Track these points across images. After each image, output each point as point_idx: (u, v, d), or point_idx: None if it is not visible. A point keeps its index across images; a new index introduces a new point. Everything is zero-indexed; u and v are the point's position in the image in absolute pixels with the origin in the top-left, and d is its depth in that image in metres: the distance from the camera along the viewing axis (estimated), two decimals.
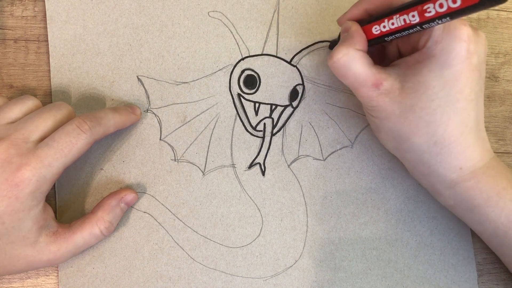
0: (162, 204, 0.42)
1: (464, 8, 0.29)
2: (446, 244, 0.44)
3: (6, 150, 0.34)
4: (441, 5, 0.30)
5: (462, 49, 0.33)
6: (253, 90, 0.43)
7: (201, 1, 0.43)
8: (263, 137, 0.43)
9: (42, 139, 0.35)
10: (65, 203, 0.41)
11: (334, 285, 0.42)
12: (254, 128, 0.43)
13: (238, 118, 0.43)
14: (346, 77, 0.36)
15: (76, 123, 0.36)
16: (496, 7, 0.47)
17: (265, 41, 0.44)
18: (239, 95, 0.43)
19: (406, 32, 0.34)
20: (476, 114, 0.35)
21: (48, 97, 0.42)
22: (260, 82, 0.43)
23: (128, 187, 0.41)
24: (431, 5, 0.31)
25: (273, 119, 0.43)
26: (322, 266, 0.42)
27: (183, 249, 0.41)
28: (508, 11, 0.48)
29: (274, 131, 0.43)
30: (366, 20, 0.37)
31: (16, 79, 0.42)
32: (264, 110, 0.43)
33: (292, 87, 0.44)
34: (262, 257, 0.42)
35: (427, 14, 0.31)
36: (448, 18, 0.31)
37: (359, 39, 0.36)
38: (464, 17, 0.31)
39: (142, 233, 0.41)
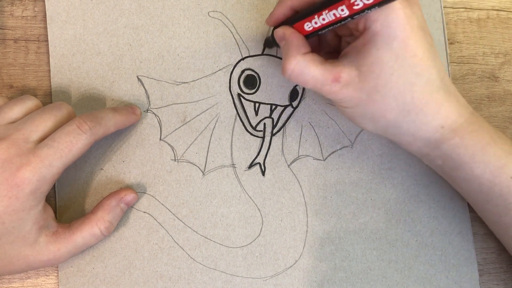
0: (162, 204, 0.42)
1: None
2: (447, 244, 0.44)
3: (7, 150, 0.34)
4: None
5: (400, 17, 0.33)
6: (253, 90, 0.43)
7: (201, 1, 0.43)
8: (263, 137, 0.43)
9: (42, 139, 0.35)
10: (65, 203, 0.41)
11: (334, 285, 0.42)
12: (254, 128, 0.43)
13: (238, 118, 0.43)
14: (306, 83, 0.36)
15: (76, 123, 0.36)
16: (496, 7, 0.47)
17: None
18: (239, 95, 0.43)
19: (338, 24, 0.34)
20: (437, 71, 0.36)
21: (48, 97, 0.42)
22: (260, 82, 0.43)
23: (128, 187, 0.41)
24: None
25: (273, 119, 0.43)
26: (322, 266, 0.42)
27: (183, 249, 0.41)
28: (508, 11, 0.48)
29: (274, 131, 0.43)
30: (295, 18, 0.37)
31: (16, 79, 0.42)
32: (264, 110, 0.43)
33: (292, 87, 0.44)
34: (262, 257, 0.42)
35: (355, 7, 0.32)
36: (376, 7, 0.31)
37: (300, 43, 0.36)
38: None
39: (142, 233, 0.41)
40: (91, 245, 0.39)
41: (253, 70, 0.43)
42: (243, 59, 0.43)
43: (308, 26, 0.36)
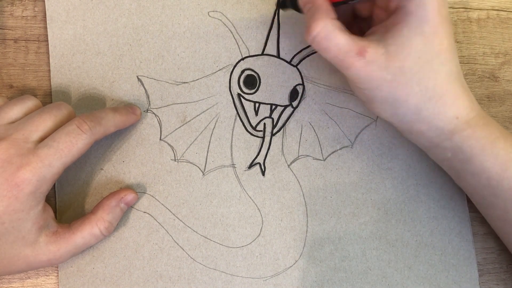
0: (162, 204, 0.42)
1: None
2: (447, 244, 0.44)
3: (6, 150, 0.34)
4: None
5: (435, 3, 0.34)
6: (253, 90, 0.43)
7: (201, 1, 0.43)
8: (263, 137, 0.43)
9: (42, 139, 0.35)
10: (65, 203, 0.41)
11: (334, 285, 0.42)
12: (254, 128, 0.43)
13: (238, 118, 0.43)
14: (329, 50, 0.35)
15: (76, 123, 0.36)
16: (496, 7, 0.47)
17: (265, 41, 0.44)
18: (239, 95, 0.43)
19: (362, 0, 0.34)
20: (456, 64, 0.37)
21: (48, 97, 0.42)
22: (260, 82, 0.43)
23: (128, 187, 0.41)
24: None
25: (273, 119, 0.43)
26: (322, 266, 0.42)
27: (183, 249, 0.41)
28: (508, 11, 0.48)
29: (274, 131, 0.43)
30: None
31: (16, 79, 0.42)
32: (264, 110, 0.43)
33: (292, 87, 0.44)
34: (262, 257, 0.42)
35: None
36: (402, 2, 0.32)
37: (329, 7, 0.35)
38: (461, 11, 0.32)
39: (142, 233, 0.41)
40: (91, 245, 0.39)
41: (253, 70, 0.43)
42: (243, 59, 0.43)
43: None
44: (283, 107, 0.43)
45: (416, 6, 0.34)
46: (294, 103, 0.44)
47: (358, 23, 0.41)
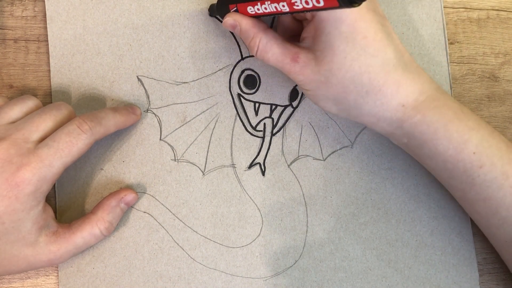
0: (162, 204, 0.42)
1: (326, 8, 0.31)
2: (447, 244, 0.44)
3: (7, 150, 0.34)
4: (306, 2, 0.31)
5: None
6: (253, 90, 0.43)
7: (201, 1, 0.43)
8: (263, 137, 0.43)
9: (42, 139, 0.35)
10: (65, 203, 0.41)
11: (334, 285, 0.42)
12: (254, 128, 0.43)
13: (238, 118, 0.43)
14: (268, 60, 0.37)
15: (77, 123, 0.36)
16: (496, 7, 0.47)
17: None
18: (239, 95, 0.43)
19: (280, 15, 0.35)
20: (393, 50, 0.36)
21: (48, 97, 0.42)
22: (260, 82, 0.43)
23: (128, 187, 0.41)
24: (298, 0, 0.32)
25: (273, 119, 0.43)
26: (322, 266, 0.42)
27: (183, 249, 0.41)
28: (508, 11, 0.48)
29: (274, 131, 0.43)
30: None
31: (16, 79, 0.42)
32: (264, 110, 0.43)
33: (292, 87, 0.44)
34: (262, 257, 0.42)
35: (295, 7, 0.32)
36: (313, 11, 0.32)
37: (256, 23, 0.37)
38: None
39: (142, 233, 0.41)
40: (91, 245, 0.39)
41: (253, 70, 0.43)
42: (243, 59, 0.43)
43: (251, 10, 0.36)
44: (283, 107, 0.43)
45: (327, 13, 0.34)
46: (294, 103, 0.44)
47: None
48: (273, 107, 0.43)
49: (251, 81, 0.43)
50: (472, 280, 0.44)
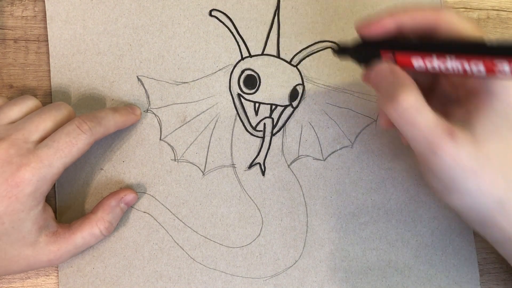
0: (162, 204, 0.42)
1: None
2: (447, 244, 0.44)
3: (6, 150, 0.34)
4: None
5: None
6: (253, 90, 0.43)
7: (201, 1, 0.43)
8: (263, 137, 0.43)
9: (42, 139, 0.35)
10: (65, 203, 0.41)
11: (334, 285, 0.42)
12: (254, 128, 0.43)
13: (238, 118, 0.43)
14: (417, 125, 0.30)
15: (76, 123, 0.36)
16: (496, 7, 0.47)
17: (265, 41, 0.44)
18: (239, 95, 0.43)
19: (454, 75, 0.29)
20: None
21: (48, 97, 0.42)
22: (260, 82, 0.43)
23: (128, 187, 0.41)
24: (505, 64, 0.26)
25: (273, 119, 0.43)
26: (322, 266, 0.42)
27: (183, 249, 0.41)
28: (508, 11, 0.48)
29: (274, 131, 0.43)
30: (402, 43, 0.31)
31: (16, 79, 0.42)
32: (264, 110, 0.43)
33: (292, 87, 0.44)
34: (262, 257, 0.42)
35: (498, 71, 0.27)
36: (484, 83, 0.27)
37: (413, 83, 0.31)
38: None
39: (142, 233, 0.41)
40: (91, 245, 0.39)
41: (253, 70, 0.43)
42: (243, 59, 0.43)
43: (417, 63, 0.30)
44: (283, 107, 0.43)
45: (502, 87, 0.30)
46: (294, 103, 0.44)
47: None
48: (273, 107, 0.43)
49: (251, 81, 0.43)
50: (473, 280, 0.44)
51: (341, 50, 0.36)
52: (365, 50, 0.33)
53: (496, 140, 0.31)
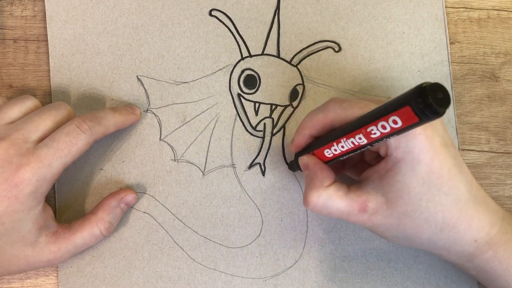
0: (162, 204, 0.41)
1: (406, 127, 0.28)
2: None
3: (6, 150, 0.34)
4: (383, 127, 0.30)
5: (422, 141, 0.32)
6: (253, 90, 0.43)
7: (201, 1, 0.43)
8: (263, 137, 0.43)
9: (41, 139, 0.35)
10: (65, 203, 0.41)
11: (334, 285, 0.42)
12: (254, 128, 0.43)
13: (238, 118, 0.43)
14: (331, 214, 0.35)
15: (76, 123, 0.36)
16: (496, 7, 0.47)
17: (265, 41, 0.44)
18: (239, 95, 0.43)
19: (358, 151, 0.33)
20: (464, 185, 0.34)
21: (47, 97, 0.42)
22: (260, 82, 0.43)
23: (128, 187, 0.41)
24: (373, 127, 0.30)
25: (273, 119, 0.43)
26: (322, 267, 0.42)
27: (183, 249, 0.41)
28: (509, 11, 0.48)
29: (274, 131, 0.43)
30: (316, 144, 0.37)
31: (15, 79, 0.42)
32: (264, 110, 0.43)
33: (292, 87, 0.44)
34: (262, 257, 0.42)
35: (373, 136, 0.31)
36: (394, 135, 0.30)
37: (324, 174, 0.36)
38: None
39: (142, 233, 0.41)
40: (91, 245, 0.39)
41: (253, 70, 0.43)
42: (243, 59, 0.43)
43: (328, 153, 0.35)
44: (283, 107, 0.43)
45: (403, 152, 0.33)
46: (294, 103, 0.44)
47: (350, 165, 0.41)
48: (273, 107, 0.43)
49: (251, 81, 0.43)
50: (471, 280, 0.44)
51: (290, 166, 0.43)
52: (299, 159, 0.39)
53: (408, 197, 0.33)
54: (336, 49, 0.44)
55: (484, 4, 0.48)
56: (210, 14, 0.43)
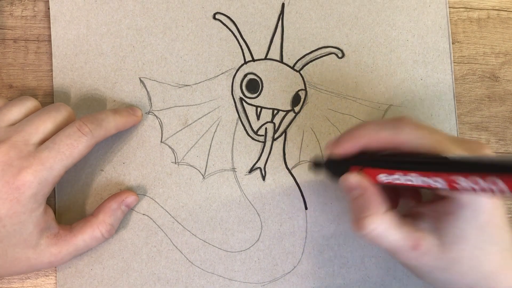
0: (162, 206, 0.41)
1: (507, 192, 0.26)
2: None
3: (7, 152, 0.34)
4: (475, 182, 0.27)
5: None
6: (255, 95, 0.43)
7: (205, 4, 0.43)
8: (264, 142, 0.43)
9: (42, 141, 0.35)
10: (65, 204, 0.41)
11: None
12: (256, 133, 0.43)
13: (239, 122, 0.43)
14: (382, 245, 0.34)
15: (77, 126, 0.36)
16: (496, 7, 0.47)
17: (269, 46, 0.43)
18: (241, 99, 0.43)
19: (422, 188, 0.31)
20: (509, 235, 0.34)
21: (48, 97, 0.41)
22: (262, 86, 0.43)
23: (128, 189, 0.41)
24: (462, 179, 0.28)
25: (274, 124, 0.43)
26: (320, 273, 0.42)
27: (182, 252, 0.41)
28: (509, 11, 0.48)
29: (276, 136, 0.43)
30: (369, 160, 0.34)
31: (16, 79, 0.41)
32: (266, 115, 0.43)
33: (294, 92, 0.44)
34: (260, 262, 0.42)
35: (456, 185, 0.28)
36: (483, 193, 0.27)
37: (380, 199, 0.34)
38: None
39: (141, 235, 0.41)
40: (92, 247, 0.39)
41: (255, 75, 0.43)
42: (246, 63, 0.43)
43: (384, 178, 0.33)
44: (285, 112, 0.43)
45: (469, 198, 0.32)
46: (296, 108, 0.44)
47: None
48: (275, 111, 0.43)
49: (254, 85, 0.43)
50: None
51: (316, 165, 0.39)
52: (335, 164, 0.36)
53: (465, 244, 0.33)
54: (339, 55, 0.44)
55: (484, 4, 0.48)
56: (214, 18, 0.43)
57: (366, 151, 0.35)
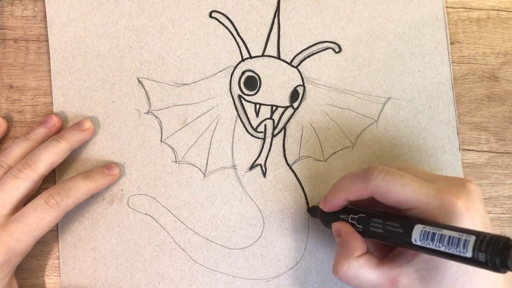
0: (164, 206, 0.42)
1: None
2: None
3: None
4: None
5: (465, 222, 0.32)
6: (254, 92, 0.43)
7: (201, 3, 0.43)
8: (264, 138, 0.43)
9: (14, 211, 0.37)
10: None
11: (335, 286, 0.42)
12: (255, 130, 0.43)
13: (238, 119, 0.43)
14: (361, 286, 0.35)
15: (44, 198, 0.37)
16: (496, 7, 0.47)
17: (266, 42, 0.44)
18: (239, 96, 0.43)
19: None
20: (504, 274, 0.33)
21: (48, 97, 0.42)
22: (260, 83, 0.43)
23: (130, 190, 0.41)
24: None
25: (273, 120, 0.43)
26: (323, 267, 0.42)
27: (185, 251, 0.41)
28: (508, 11, 0.48)
29: (275, 132, 0.43)
30: (351, 210, 0.37)
31: (16, 79, 0.42)
32: (265, 112, 0.43)
33: (292, 88, 0.44)
34: (263, 259, 0.42)
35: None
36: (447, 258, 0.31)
37: (357, 244, 0.35)
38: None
39: (143, 235, 0.41)
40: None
41: (253, 72, 0.43)
42: (243, 60, 0.43)
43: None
44: (283, 108, 0.43)
45: None
46: (295, 104, 0.44)
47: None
48: (274, 108, 0.43)
49: (252, 82, 0.43)
50: None
51: (311, 210, 0.42)
52: (328, 215, 0.39)
53: (444, 276, 0.32)
54: (336, 50, 0.44)
55: (484, 4, 0.48)
56: (210, 16, 0.43)
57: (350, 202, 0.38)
